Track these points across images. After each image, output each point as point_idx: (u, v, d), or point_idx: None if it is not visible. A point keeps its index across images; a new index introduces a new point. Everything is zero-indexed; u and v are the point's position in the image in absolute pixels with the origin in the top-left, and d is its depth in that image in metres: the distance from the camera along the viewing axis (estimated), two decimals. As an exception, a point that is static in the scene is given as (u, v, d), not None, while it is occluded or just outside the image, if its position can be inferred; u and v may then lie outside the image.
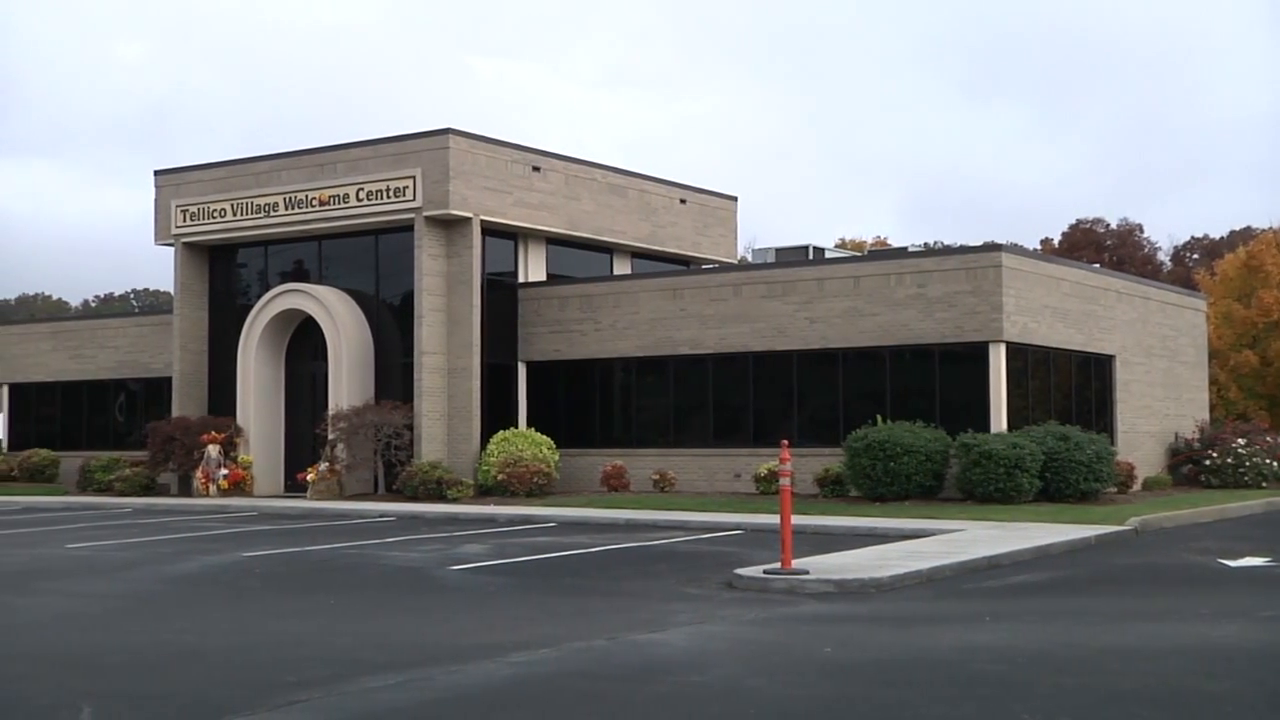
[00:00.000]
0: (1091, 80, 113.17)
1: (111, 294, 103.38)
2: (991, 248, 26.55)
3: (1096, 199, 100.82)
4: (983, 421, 24.61)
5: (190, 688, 8.90)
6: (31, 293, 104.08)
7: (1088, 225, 68.09)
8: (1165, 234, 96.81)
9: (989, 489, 22.95)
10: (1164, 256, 69.92)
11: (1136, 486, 27.39)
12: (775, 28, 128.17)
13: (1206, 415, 33.43)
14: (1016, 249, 29.52)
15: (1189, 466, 30.28)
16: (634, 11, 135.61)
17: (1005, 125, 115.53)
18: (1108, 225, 68.62)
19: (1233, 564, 15.78)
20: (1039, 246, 65.78)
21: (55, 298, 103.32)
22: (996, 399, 24.84)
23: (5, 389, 39.12)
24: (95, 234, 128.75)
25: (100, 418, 36.85)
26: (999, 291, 24.87)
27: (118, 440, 35.71)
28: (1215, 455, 29.74)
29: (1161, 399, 31.06)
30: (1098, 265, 46.04)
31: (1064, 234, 67.85)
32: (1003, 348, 24.92)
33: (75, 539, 20.40)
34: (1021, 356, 25.74)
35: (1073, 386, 27.71)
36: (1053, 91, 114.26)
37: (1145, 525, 20.22)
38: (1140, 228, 68.89)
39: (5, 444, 38.29)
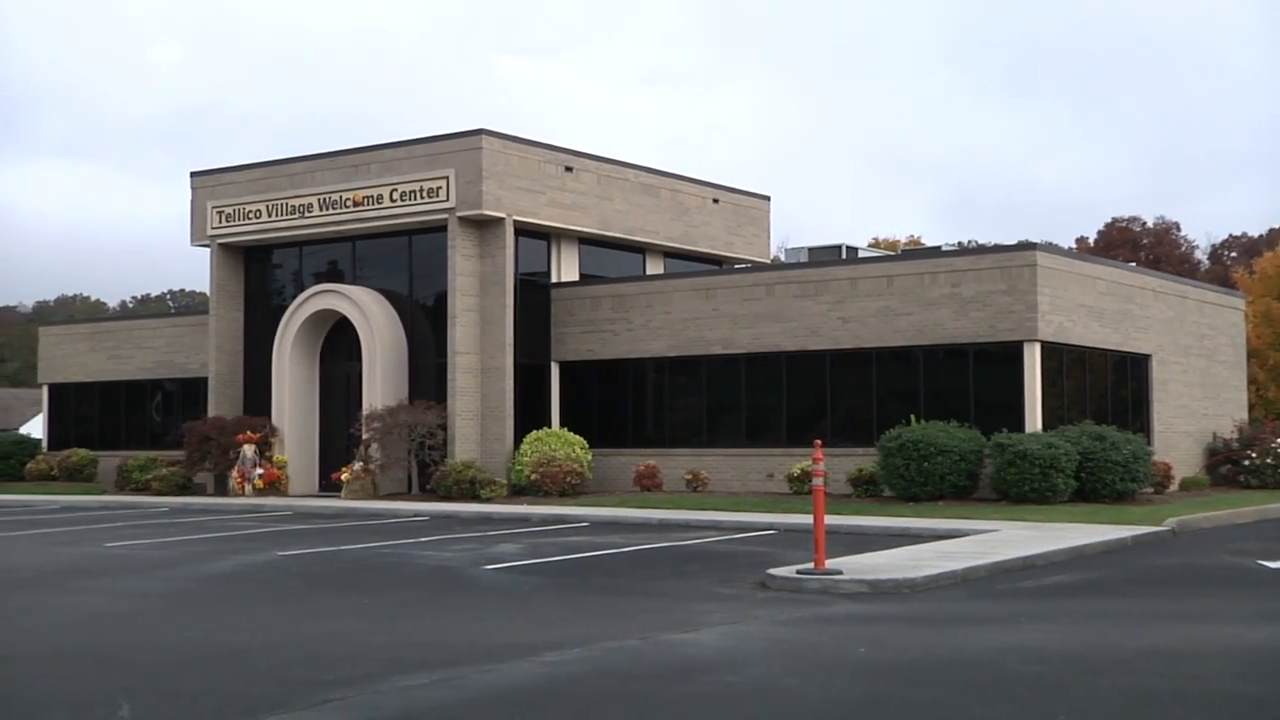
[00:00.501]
0: (1128, 77, 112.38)
1: (148, 295, 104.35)
2: (1026, 246, 26.39)
3: (1133, 197, 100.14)
4: (1017, 421, 24.46)
5: (227, 685, 8.96)
6: (70, 294, 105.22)
7: (1124, 224, 67.60)
8: (1203, 232, 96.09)
9: (1024, 489, 22.81)
10: (1201, 255, 69.32)
11: (1174, 487, 27.17)
12: (808, 26, 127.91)
13: (1245, 415, 33.10)
14: (1051, 248, 29.33)
15: (1227, 467, 30.00)
16: (666, 11, 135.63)
17: (1040, 123, 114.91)
18: (1144, 224, 68.10)
19: (1272, 565, 15.61)
20: (1074, 245, 65.38)
21: (93, 299, 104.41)
22: (1031, 399, 24.69)
23: (45, 389, 39.55)
24: (132, 235, 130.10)
25: (137, 418, 37.17)
26: (1034, 291, 24.72)
27: (154, 440, 36.02)
28: (1254, 455, 29.46)
29: (1199, 399, 30.79)
30: (1134, 264, 45.69)
31: (1099, 233, 67.40)
32: (1037, 347, 24.77)
33: (113, 538, 20.59)
34: (1056, 356, 25.57)
35: (1108, 386, 27.51)
36: (1089, 89, 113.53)
37: (1183, 526, 20.04)
38: (1177, 226, 68.37)
39: (45, 444, 38.71)
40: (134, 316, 53.24)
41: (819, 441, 14.85)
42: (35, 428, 52.85)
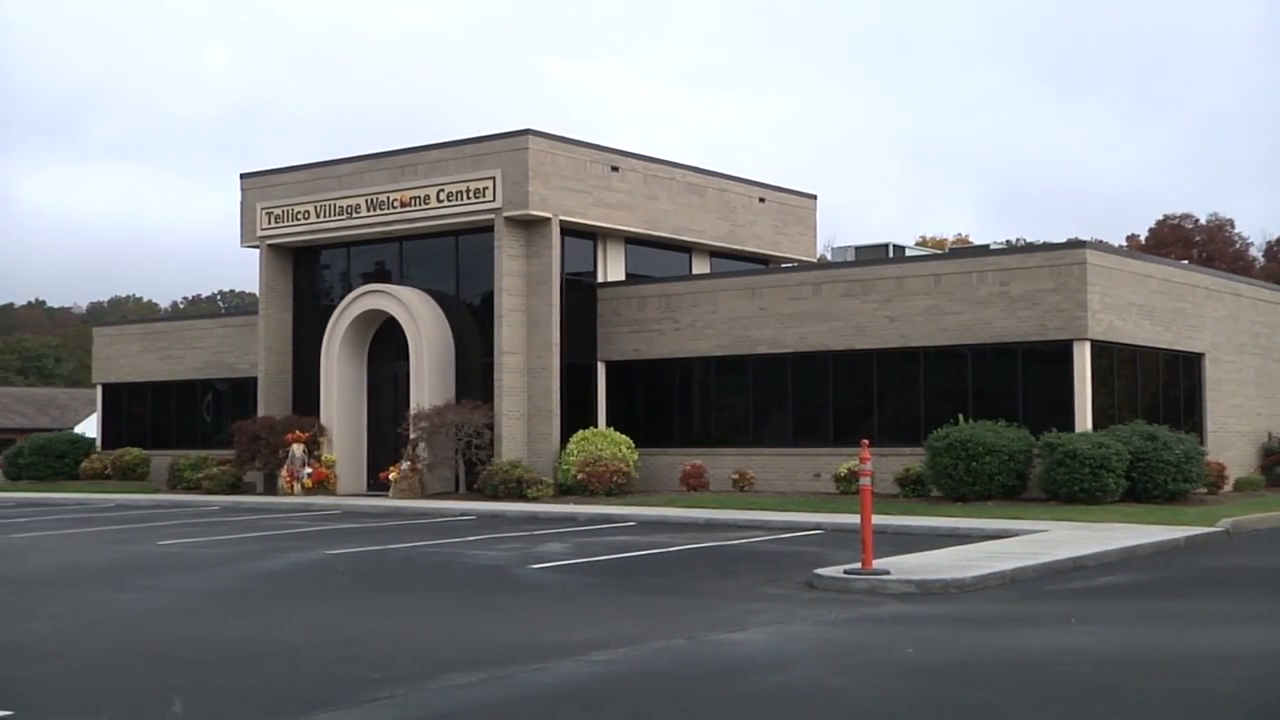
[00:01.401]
0: (1179, 72, 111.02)
1: (199, 295, 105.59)
2: (1076, 244, 26.12)
3: (1185, 194, 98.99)
4: (1067, 421, 24.23)
5: (277, 683, 9.04)
6: (123, 295, 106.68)
7: (1175, 221, 66.81)
8: (1258, 229, 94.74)
9: (1073, 489, 22.59)
10: (1256, 252, 68.36)
11: (1228, 487, 26.81)
12: (854, 24, 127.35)
13: (1301, 414, 32.60)
14: (1102, 246, 29.02)
15: (1283, 467, 29.56)
16: (711, 10, 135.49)
17: (1090, 120, 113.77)
18: (1196, 221, 67.26)
19: (1328, 567, 15.38)
20: (1125, 243, 64.68)
21: (145, 299, 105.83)
22: (1081, 398, 24.46)
23: (99, 389, 40.08)
24: (183, 237, 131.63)
25: (189, 417, 37.58)
26: (1084, 289, 24.48)
27: (205, 439, 36.40)
28: (1310, 455, 29.02)
29: (1254, 398, 30.37)
30: (1186, 262, 45.14)
31: (1151, 230, 66.67)
32: (1087, 346, 24.52)
33: (165, 536, 20.83)
34: (1107, 355, 25.30)
35: (1160, 385, 27.19)
36: (1139, 84, 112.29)
37: (1237, 527, 19.77)
38: (1231, 223, 67.46)
39: (99, 443, 39.23)
40: (185, 317, 53.87)
41: (866, 441, 14.79)
42: (89, 427, 53.53)
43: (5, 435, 74.05)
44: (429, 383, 29.76)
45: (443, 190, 29.72)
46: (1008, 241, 59.23)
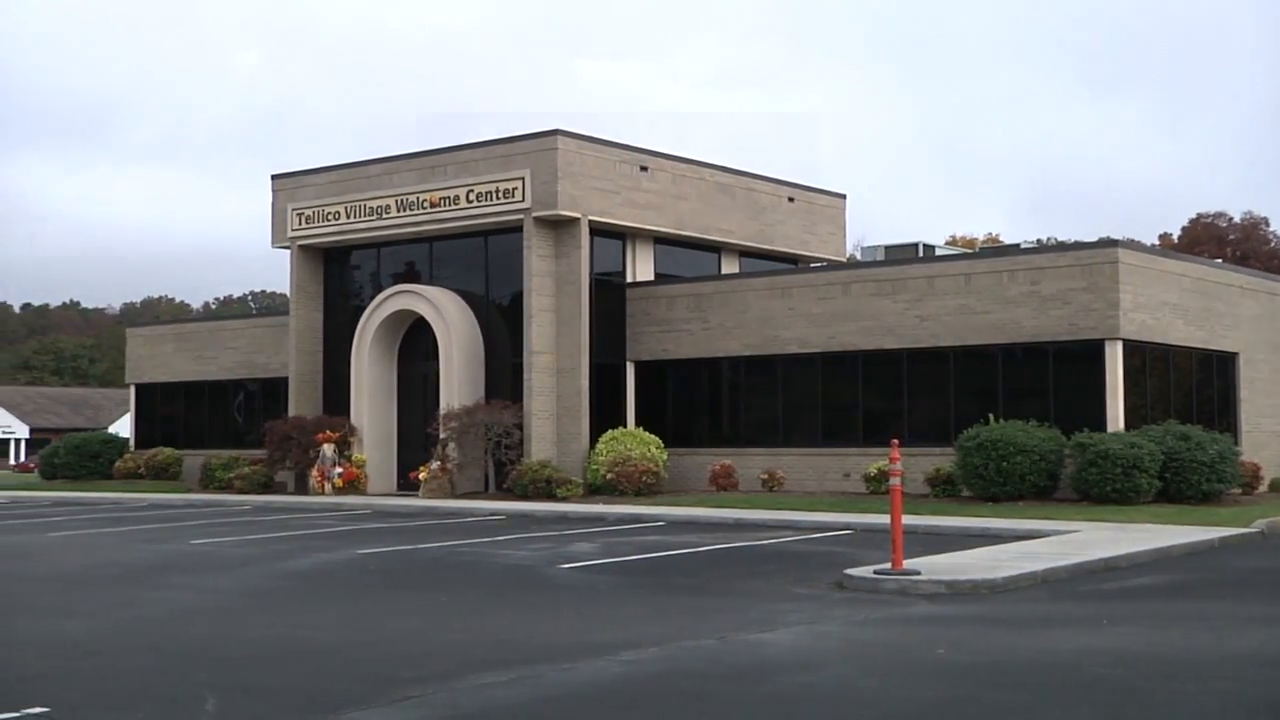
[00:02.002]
0: (1213, 70, 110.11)
1: (230, 296, 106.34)
2: (1108, 243, 25.97)
3: (1218, 192, 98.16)
4: (1099, 421, 24.09)
5: (309, 681, 9.09)
6: (156, 296, 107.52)
7: (1209, 219, 66.29)
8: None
9: (1105, 489, 22.45)
10: (1291, 250, 67.69)
11: (1262, 488, 26.59)
12: (885, 23, 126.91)
13: (1336, 414, 32.25)
14: (1134, 244, 28.84)
15: (1318, 467, 29.26)
16: (741, 10, 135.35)
17: (1123, 118, 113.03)
18: (1230, 219, 66.70)
19: (1365, 568, 15.21)
20: (1157, 242, 64.23)
21: (178, 300, 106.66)
22: (1113, 398, 24.31)
23: (132, 389, 40.40)
24: (215, 238, 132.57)
25: (221, 417, 37.83)
26: (1115, 288, 24.32)
27: (237, 439, 36.63)
28: (1346, 455, 28.70)
29: (1288, 397, 30.08)
30: (1220, 260, 44.76)
31: (1184, 229, 66.18)
32: (1119, 345, 24.37)
33: (198, 535, 20.97)
34: (1139, 354, 25.14)
35: (1193, 385, 26.99)
36: (1173, 82, 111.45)
37: (1272, 527, 19.60)
38: (1265, 221, 66.88)
39: (132, 442, 39.55)
40: (217, 318, 54.24)
41: (896, 441, 14.73)
42: (123, 427, 54.03)
43: (41, 435, 74.80)
44: (459, 383, 29.85)
45: (472, 190, 29.80)
46: (1039, 241, 58.87)
